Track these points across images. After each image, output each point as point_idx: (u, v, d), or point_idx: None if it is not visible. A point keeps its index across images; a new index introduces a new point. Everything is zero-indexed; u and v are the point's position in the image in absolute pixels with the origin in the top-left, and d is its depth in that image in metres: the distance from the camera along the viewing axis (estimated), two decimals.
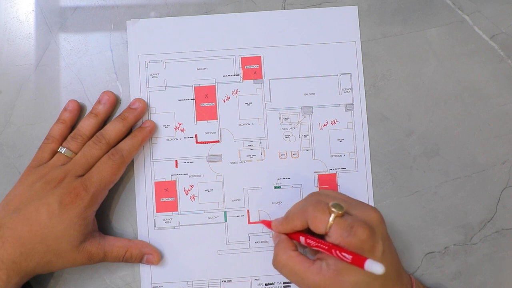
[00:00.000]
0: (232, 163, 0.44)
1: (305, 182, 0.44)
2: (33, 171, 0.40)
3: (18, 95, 0.45)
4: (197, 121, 0.45)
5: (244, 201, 0.44)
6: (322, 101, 0.45)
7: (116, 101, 0.44)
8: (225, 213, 0.44)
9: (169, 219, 0.44)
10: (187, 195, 0.44)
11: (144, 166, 0.44)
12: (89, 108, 0.44)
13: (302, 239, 0.37)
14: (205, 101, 0.45)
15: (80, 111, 0.44)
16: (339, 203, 0.35)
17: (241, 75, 0.45)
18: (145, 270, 0.43)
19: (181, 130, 0.45)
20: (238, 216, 0.44)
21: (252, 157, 0.44)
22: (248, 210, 0.44)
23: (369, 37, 0.45)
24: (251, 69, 0.45)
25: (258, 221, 0.44)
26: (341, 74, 0.45)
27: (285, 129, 0.45)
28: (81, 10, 0.45)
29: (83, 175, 0.40)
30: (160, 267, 0.43)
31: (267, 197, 0.44)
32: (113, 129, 0.42)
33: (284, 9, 0.46)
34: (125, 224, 0.44)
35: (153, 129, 0.44)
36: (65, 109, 0.43)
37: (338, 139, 0.45)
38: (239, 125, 0.45)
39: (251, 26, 0.45)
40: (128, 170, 0.44)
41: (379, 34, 0.46)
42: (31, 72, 0.45)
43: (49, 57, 0.45)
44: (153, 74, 0.45)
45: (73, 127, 0.44)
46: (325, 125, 0.45)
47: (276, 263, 0.37)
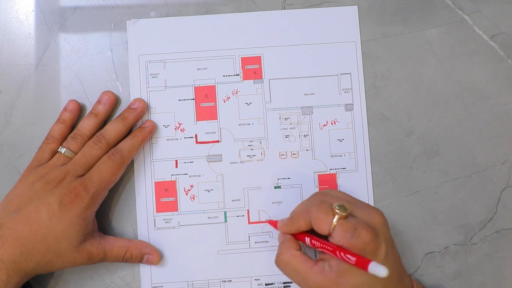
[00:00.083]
0: (232, 163, 0.44)
1: (305, 182, 0.44)
2: (33, 171, 0.40)
3: (18, 95, 0.45)
4: (197, 121, 0.45)
5: (244, 201, 0.44)
6: (322, 101, 0.45)
7: (116, 101, 0.44)
8: (225, 213, 0.44)
9: (169, 219, 0.44)
10: (187, 195, 0.44)
11: (144, 166, 0.44)
12: (89, 108, 0.44)
13: (307, 240, 0.37)
14: (205, 101, 0.45)
15: (80, 111, 0.44)
16: (343, 204, 0.35)
17: (241, 75, 0.45)
18: (145, 270, 0.43)
19: (181, 130, 0.44)
20: (238, 216, 0.44)
21: (252, 157, 0.44)
22: (248, 210, 0.44)
23: (369, 37, 0.45)
24: (251, 69, 0.45)
25: (262, 221, 0.44)
26: (341, 74, 0.45)
27: (285, 129, 0.45)
28: (81, 10, 0.45)
29: (83, 175, 0.40)
30: (160, 267, 0.43)
31: (267, 197, 0.44)
32: (113, 129, 0.42)
33: (284, 9, 0.46)
34: (125, 224, 0.44)
35: (153, 129, 0.44)
36: (65, 109, 0.43)
37: (338, 139, 0.45)
38: (239, 125, 0.45)
39: (251, 26, 0.45)
40: (128, 170, 0.44)
41: (379, 34, 0.46)
42: (31, 72, 0.45)
43: (49, 57, 0.45)
44: (153, 74, 0.45)
45: (73, 127, 0.44)
46: (325, 125, 0.45)
47: (279, 261, 0.37)
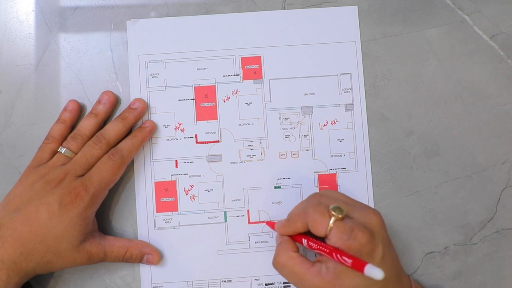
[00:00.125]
0: (232, 163, 0.44)
1: (305, 182, 0.44)
2: (33, 171, 0.40)
3: (18, 95, 0.45)
4: (197, 121, 0.45)
5: (244, 201, 0.44)
6: (322, 101, 0.45)
7: (116, 101, 0.44)
8: (225, 213, 0.44)
9: (169, 219, 0.44)
10: (187, 195, 0.44)
11: (144, 166, 0.44)
12: (89, 108, 0.44)
13: (304, 241, 0.37)
14: (205, 101, 0.45)
15: (80, 111, 0.44)
16: (340, 206, 0.35)
17: (241, 75, 0.45)
18: (145, 270, 0.43)
19: (181, 130, 0.44)
20: (238, 216, 0.44)
21: (252, 157, 0.44)
22: (248, 210, 0.44)
23: (369, 37, 0.45)
24: (251, 69, 0.45)
25: (262, 221, 0.44)
26: (341, 74, 0.45)
27: (285, 129, 0.45)
28: (81, 10, 0.45)
29: (83, 175, 0.40)
30: (160, 267, 0.43)
31: (267, 197, 0.44)
32: (113, 129, 0.42)
33: (284, 9, 0.46)
34: (125, 224, 0.44)
35: (153, 129, 0.44)
36: (65, 109, 0.43)
37: (338, 139, 0.45)
38: (239, 125, 0.45)
39: (251, 26, 0.45)
40: (128, 170, 0.44)
41: (379, 34, 0.46)
42: (31, 72, 0.45)
43: (49, 57, 0.45)
44: (153, 74, 0.45)
45: (73, 127, 0.44)
46: (325, 125, 0.45)
47: (276, 263, 0.37)
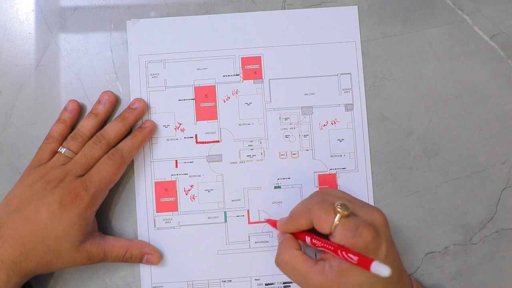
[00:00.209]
0: (232, 163, 0.44)
1: (305, 182, 0.44)
2: (33, 171, 0.40)
3: (18, 95, 0.45)
4: (197, 121, 0.45)
5: (244, 201, 0.44)
6: (322, 101, 0.45)
7: (116, 101, 0.44)
8: (225, 213, 0.44)
9: (169, 219, 0.44)
10: (187, 195, 0.44)
11: (144, 166, 0.44)
12: (89, 108, 0.44)
13: (307, 239, 0.37)
14: (205, 101, 0.45)
15: (80, 111, 0.44)
16: (345, 204, 0.35)
17: (241, 75, 0.45)
18: (145, 270, 0.43)
19: (181, 130, 0.44)
20: (238, 216, 0.44)
21: (252, 157, 0.44)
22: (248, 210, 0.44)
23: (369, 37, 0.45)
24: (251, 69, 0.45)
25: (262, 221, 0.44)
26: (341, 74, 0.45)
27: (285, 129, 0.45)
28: (81, 10, 0.45)
29: (83, 175, 0.40)
30: (160, 267, 0.43)
31: (267, 197, 0.44)
32: (113, 129, 0.42)
33: (284, 9, 0.46)
34: (125, 224, 0.44)
35: (153, 129, 0.44)
36: (65, 109, 0.43)
37: (338, 139, 0.45)
38: (239, 125, 0.45)
39: (251, 26, 0.45)
40: (128, 170, 0.44)
41: (379, 34, 0.46)
42: (31, 72, 0.45)
43: (49, 57, 0.45)
44: (153, 74, 0.45)
45: (73, 127, 0.44)
46: (325, 125, 0.45)
47: (279, 261, 0.37)
